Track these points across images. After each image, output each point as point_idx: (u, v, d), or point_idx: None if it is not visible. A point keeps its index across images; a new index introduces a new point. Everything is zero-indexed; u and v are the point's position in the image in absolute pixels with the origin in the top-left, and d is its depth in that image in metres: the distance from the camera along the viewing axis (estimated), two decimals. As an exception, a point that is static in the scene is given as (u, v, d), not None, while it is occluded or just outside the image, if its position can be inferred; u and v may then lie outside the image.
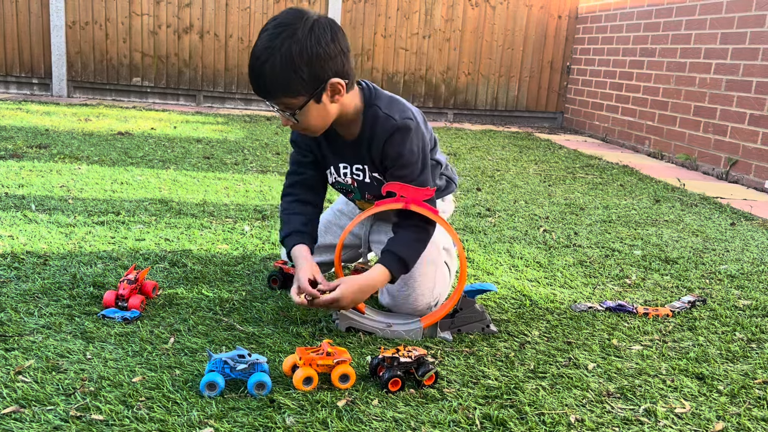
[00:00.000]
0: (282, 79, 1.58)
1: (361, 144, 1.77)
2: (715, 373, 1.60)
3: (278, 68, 1.56)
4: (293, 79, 1.58)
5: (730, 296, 2.18)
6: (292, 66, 1.56)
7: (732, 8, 4.65)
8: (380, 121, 1.74)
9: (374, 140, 1.74)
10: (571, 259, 2.50)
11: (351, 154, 1.80)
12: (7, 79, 7.05)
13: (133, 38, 7.03)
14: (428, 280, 1.82)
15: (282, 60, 1.55)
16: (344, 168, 1.84)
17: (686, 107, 5.15)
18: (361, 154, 1.79)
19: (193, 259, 2.18)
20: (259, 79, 1.60)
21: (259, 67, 1.57)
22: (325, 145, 1.84)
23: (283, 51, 1.55)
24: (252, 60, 1.60)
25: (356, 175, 1.84)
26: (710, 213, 3.46)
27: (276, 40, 1.56)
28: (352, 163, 1.82)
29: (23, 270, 1.97)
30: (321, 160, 1.88)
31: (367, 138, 1.76)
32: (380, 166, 1.79)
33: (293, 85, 1.59)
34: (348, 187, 1.88)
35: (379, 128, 1.73)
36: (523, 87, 7.49)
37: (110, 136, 4.68)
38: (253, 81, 1.62)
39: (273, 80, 1.58)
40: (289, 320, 1.75)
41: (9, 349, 1.48)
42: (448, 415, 1.33)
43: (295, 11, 1.62)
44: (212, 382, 1.34)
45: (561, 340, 1.74)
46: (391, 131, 1.72)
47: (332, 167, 1.86)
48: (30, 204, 2.72)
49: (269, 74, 1.57)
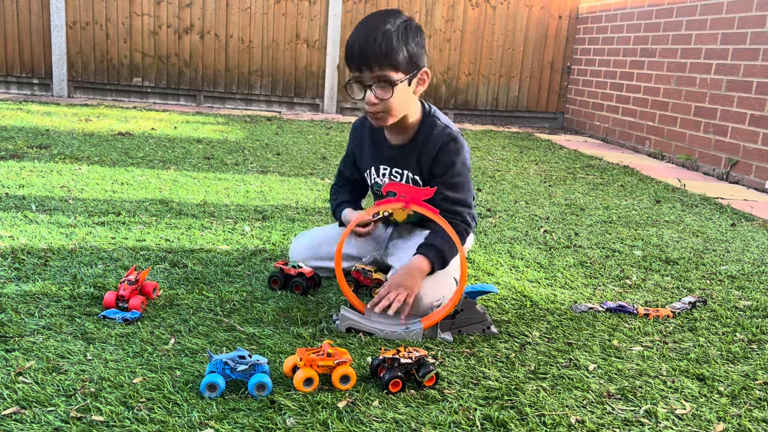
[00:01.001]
0: (394, 49, 1.72)
1: (410, 150, 1.92)
2: (716, 374, 1.60)
3: (393, 38, 1.71)
4: (402, 52, 1.74)
5: (731, 297, 2.18)
6: (404, 40, 1.73)
7: (732, 8, 4.64)
8: (437, 129, 1.90)
9: (427, 146, 1.89)
10: (571, 260, 2.50)
11: (395, 158, 1.95)
12: (7, 80, 7.05)
13: (134, 38, 7.03)
14: (434, 280, 1.83)
15: (398, 32, 1.72)
16: (384, 170, 1.98)
17: (687, 108, 5.14)
18: (407, 159, 1.93)
19: (194, 260, 2.18)
20: (373, 44, 1.72)
21: (376, 33, 1.71)
22: (369, 150, 2.00)
23: (398, 25, 1.74)
24: (366, 28, 1.74)
25: (394, 177, 1.97)
26: (711, 213, 3.46)
27: (391, 18, 1.74)
28: (393, 166, 1.96)
29: (24, 270, 1.97)
30: (359, 161, 2.06)
31: (419, 144, 1.90)
32: (427, 173, 1.92)
33: (401, 59, 1.74)
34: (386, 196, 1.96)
35: (435, 135, 1.89)
36: (524, 87, 7.48)
37: (111, 136, 4.68)
38: (363, 48, 1.74)
39: (387, 48, 1.71)
40: (290, 321, 1.75)
41: (9, 350, 1.48)
42: (448, 416, 1.33)
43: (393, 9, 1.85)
44: (213, 383, 1.34)
45: (561, 341, 1.74)
46: (446, 140, 1.88)
47: (372, 168, 2.01)
48: (30, 204, 2.72)
49: (384, 41, 1.71)
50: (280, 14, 7.11)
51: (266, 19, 7.11)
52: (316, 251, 2.08)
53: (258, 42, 7.14)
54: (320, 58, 7.23)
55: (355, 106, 7.38)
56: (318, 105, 7.35)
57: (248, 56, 7.16)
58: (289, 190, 3.36)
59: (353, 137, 2.09)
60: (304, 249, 2.10)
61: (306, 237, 2.16)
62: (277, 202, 3.09)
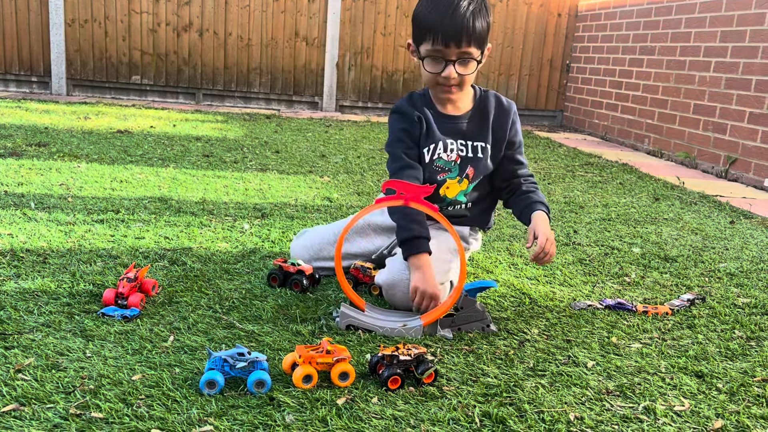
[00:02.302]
0: (481, 28, 1.84)
1: (481, 119, 2.01)
2: (715, 371, 1.60)
3: (480, 16, 1.83)
4: (484, 30, 1.86)
5: (730, 294, 2.18)
6: (486, 17, 1.86)
7: (732, 6, 4.64)
8: (504, 99, 2.06)
9: (502, 115, 2.03)
10: (570, 257, 2.50)
11: (462, 130, 2.00)
12: (6, 77, 7.05)
13: (133, 36, 7.02)
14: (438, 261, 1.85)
15: (481, 9, 1.84)
16: (451, 144, 2.00)
17: (686, 105, 5.15)
18: (480, 129, 2.02)
19: (193, 258, 2.18)
20: (462, 21, 1.80)
21: (463, 10, 1.81)
22: (436, 126, 2.00)
23: (486, 7, 1.87)
24: (450, 3, 1.81)
25: (461, 151, 2.00)
26: (709, 211, 3.46)
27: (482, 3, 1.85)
28: (458, 138, 2.00)
29: (23, 268, 1.97)
30: (425, 139, 2.01)
31: (494, 113, 2.02)
32: (501, 141, 2.04)
33: (483, 37, 1.87)
34: (448, 165, 2.00)
35: (506, 105, 2.05)
36: (523, 85, 7.48)
37: (109, 134, 4.67)
38: (451, 25, 1.81)
39: (475, 25, 1.82)
40: (289, 318, 1.75)
41: (9, 348, 1.48)
42: (447, 413, 1.33)
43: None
44: (212, 380, 1.34)
45: (560, 338, 1.74)
46: (515, 111, 2.06)
47: (440, 143, 1.99)
48: (29, 202, 2.72)
49: (473, 19, 1.81)
50: (279, 12, 7.10)
51: (265, 16, 7.10)
52: (317, 252, 2.08)
53: (257, 40, 7.14)
54: (319, 56, 7.23)
55: (354, 104, 7.37)
56: (317, 103, 7.35)
57: (247, 54, 7.16)
58: (288, 188, 3.36)
59: (407, 119, 1.98)
60: (304, 250, 2.10)
61: (307, 237, 2.16)
62: (276, 200, 3.09)
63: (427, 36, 1.86)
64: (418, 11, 1.89)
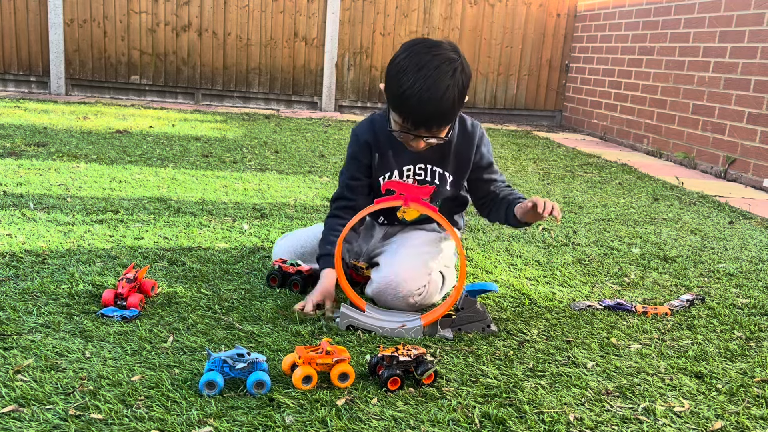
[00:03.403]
0: (455, 112, 1.73)
1: (445, 144, 1.88)
2: (714, 371, 1.60)
3: (455, 100, 1.69)
4: (459, 110, 1.75)
5: (729, 295, 2.18)
6: (462, 95, 1.71)
7: (731, 6, 4.65)
8: (468, 123, 1.93)
9: (465, 142, 1.91)
10: (569, 258, 2.50)
11: (426, 155, 1.90)
12: (5, 77, 7.04)
13: (132, 36, 7.02)
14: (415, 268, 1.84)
15: (457, 89, 1.69)
16: (407, 171, 1.93)
17: (685, 105, 5.15)
18: (441, 154, 1.91)
19: (192, 258, 2.18)
20: (437, 110, 1.69)
21: (439, 94, 1.66)
22: (389, 151, 1.92)
23: (457, 78, 1.69)
24: (428, 86, 1.66)
25: (418, 175, 1.93)
26: (709, 211, 3.46)
27: (448, 70, 1.68)
28: (417, 162, 1.92)
29: (22, 269, 1.97)
30: (380, 168, 1.95)
31: (455, 139, 1.90)
32: (464, 167, 1.94)
33: (456, 114, 1.76)
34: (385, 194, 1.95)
35: (470, 131, 1.92)
36: (522, 85, 7.48)
37: (108, 134, 4.67)
38: (426, 116, 1.70)
39: (450, 112, 1.71)
40: (288, 319, 1.74)
41: (8, 348, 1.48)
42: (447, 413, 1.33)
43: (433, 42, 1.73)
44: (211, 381, 1.33)
45: (560, 339, 1.74)
46: (480, 133, 1.93)
47: (395, 171, 1.93)
48: (28, 202, 2.72)
49: (448, 104, 1.68)
50: (278, 12, 7.10)
51: (264, 16, 7.10)
52: (299, 255, 2.08)
53: (256, 40, 7.14)
54: (318, 56, 7.22)
55: (353, 104, 7.37)
56: (316, 103, 7.34)
57: (246, 54, 7.15)
58: (287, 188, 3.36)
59: (364, 148, 1.95)
60: (286, 252, 2.10)
61: (288, 239, 2.15)
62: (275, 200, 3.09)
63: (396, 110, 1.75)
64: (389, 81, 1.73)
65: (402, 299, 1.81)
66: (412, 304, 1.83)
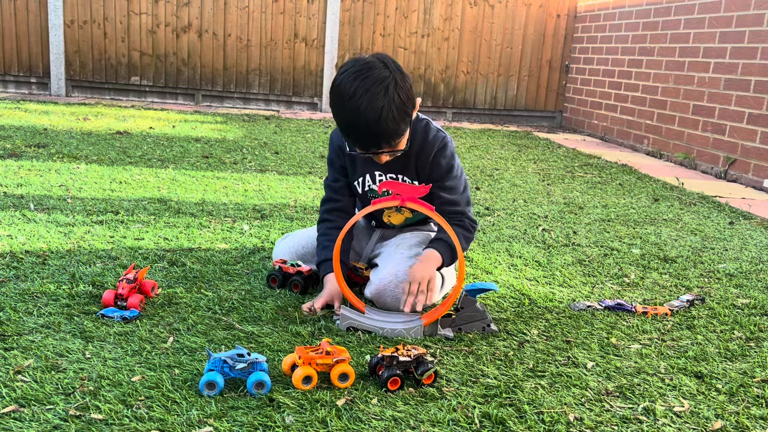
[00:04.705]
0: (399, 126, 1.72)
1: (407, 154, 1.88)
2: (714, 371, 1.60)
3: (395, 116, 1.69)
4: (404, 120, 1.73)
5: (729, 295, 2.18)
6: (402, 107, 1.70)
7: (731, 7, 4.65)
8: (431, 133, 1.90)
9: (424, 151, 1.89)
10: (570, 258, 2.50)
11: (390, 163, 1.90)
12: (5, 78, 7.04)
13: (132, 37, 7.02)
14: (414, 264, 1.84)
15: (395, 103, 1.68)
16: (380, 176, 1.95)
17: (685, 106, 5.15)
18: (404, 163, 1.91)
19: (192, 259, 2.18)
20: (379, 133, 1.70)
21: (376, 117, 1.66)
22: (360, 158, 1.93)
23: (390, 93, 1.68)
24: (363, 111, 1.66)
25: None
26: (709, 212, 3.47)
27: (379, 87, 1.67)
28: (387, 171, 1.93)
29: (22, 269, 1.97)
30: (352, 173, 1.99)
31: (416, 148, 1.89)
32: (425, 177, 1.92)
33: (404, 126, 1.75)
34: (381, 195, 1.96)
35: (430, 140, 1.89)
36: (522, 86, 7.49)
37: (109, 135, 4.67)
38: (370, 139, 1.72)
39: (393, 129, 1.71)
40: (289, 319, 1.75)
41: (8, 349, 1.48)
42: (447, 413, 1.33)
43: (363, 62, 1.72)
44: (211, 381, 1.34)
45: (560, 339, 1.74)
46: (441, 144, 1.89)
47: (367, 175, 1.96)
48: (29, 203, 2.72)
49: (390, 122, 1.68)
50: (278, 13, 7.10)
51: (264, 17, 7.10)
52: (300, 256, 2.08)
53: (256, 41, 7.14)
54: (318, 57, 7.23)
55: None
56: (316, 104, 7.35)
57: (246, 55, 7.16)
58: (287, 189, 3.36)
59: (338, 152, 2.00)
60: (286, 253, 2.10)
61: (289, 240, 2.16)
62: (275, 201, 3.09)
63: (344, 135, 1.80)
64: (332, 110, 1.77)
65: (401, 300, 1.81)
66: None
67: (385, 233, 2.10)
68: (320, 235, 1.99)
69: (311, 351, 1.42)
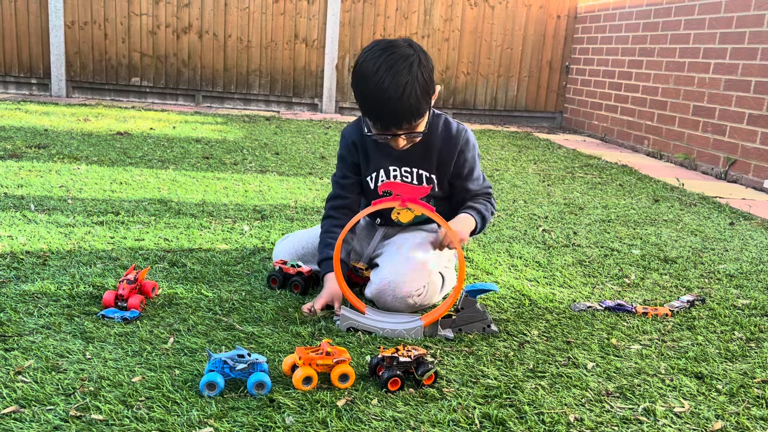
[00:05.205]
0: (422, 105, 1.72)
1: (427, 146, 1.89)
2: (714, 372, 1.60)
3: (418, 94, 1.69)
4: (426, 100, 1.74)
5: (729, 296, 2.18)
6: (425, 86, 1.71)
7: (731, 8, 4.65)
8: (453, 127, 1.92)
9: (448, 145, 1.91)
10: (570, 259, 2.50)
11: (406, 156, 1.91)
12: (5, 79, 7.05)
13: (132, 38, 7.03)
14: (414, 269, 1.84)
15: (419, 82, 1.69)
16: (394, 171, 1.95)
17: (685, 107, 5.15)
18: (423, 156, 1.92)
19: (193, 259, 2.18)
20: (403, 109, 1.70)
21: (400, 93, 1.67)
22: (374, 152, 1.94)
23: (415, 71, 1.69)
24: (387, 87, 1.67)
25: (405, 177, 1.95)
26: (709, 212, 3.47)
27: (404, 65, 1.68)
28: (403, 165, 1.94)
29: (23, 270, 1.97)
30: (365, 168, 1.98)
31: (438, 142, 1.90)
32: (446, 170, 1.93)
33: (426, 107, 1.75)
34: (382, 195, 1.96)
35: (454, 134, 1.91)
36: (522, 87, 7.49)
37: (109, 136, 4.68)
38: (392, 114, 1.72)
39: (416, 107, 1.71)
40: (289, 320, 1.75)
41: (8, 349, 1.48)
42: (447, 414, 1.33)
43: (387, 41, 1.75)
44: (212, 381, 1.34)
45: (560, 340, 1.74)
46: (465, 138, 1.92)
47: (382, 170, 1.96)
48: (29, 204, 2.72)
49: (413, 99, 1.69)
50: (279, 14, 7.10)
51: (265, 18, 7.11)
52: (300, 257, 2.08)
53: (256, 42, 7.14)
54: (319, 58, 7.23)
55: (354, 106, 7.38)
56: (317, 105, 7.35)
57: (247, 56, 7.16)
58: (287, 190, 3.36)
59: (351, 149, 2.00)
60: (286, 254, 2.10)
61: (289, 240, 2.16)
62: (275, 202, 3.09)
63: (365, 115, 1.80)
64: (354, 90, 1.78)
65: (401, 300, 1.81)
66: (412, 305, 1.83)
67: (388, 232, 2.10)
68: (323, 232, 1.98)
69: (311, 351, 1.42)
